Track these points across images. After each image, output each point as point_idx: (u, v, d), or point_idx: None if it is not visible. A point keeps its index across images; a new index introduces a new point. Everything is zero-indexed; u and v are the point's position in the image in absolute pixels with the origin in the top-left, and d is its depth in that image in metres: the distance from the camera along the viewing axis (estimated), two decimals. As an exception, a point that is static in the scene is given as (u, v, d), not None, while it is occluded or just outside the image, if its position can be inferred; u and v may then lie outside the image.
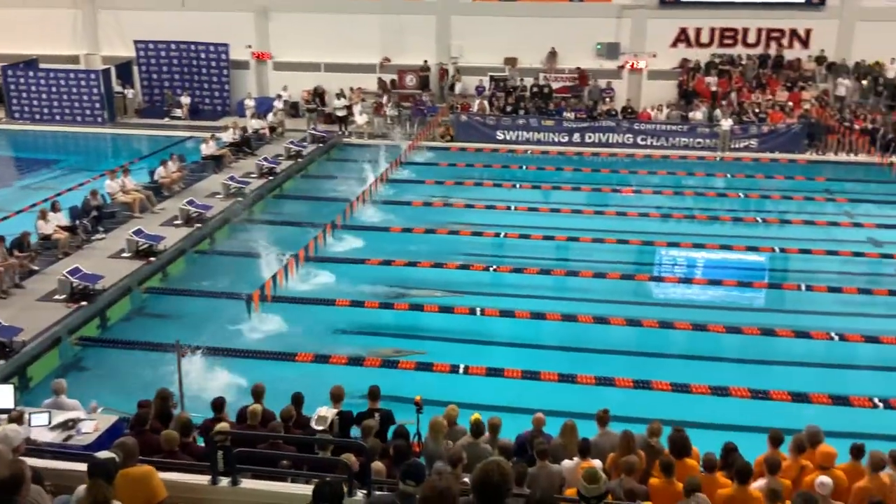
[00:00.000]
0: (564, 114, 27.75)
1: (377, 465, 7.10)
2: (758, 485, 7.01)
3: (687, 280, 16.99)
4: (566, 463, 7.62)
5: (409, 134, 27.81)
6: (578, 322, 14.14)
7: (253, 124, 26.86)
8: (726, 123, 25.77)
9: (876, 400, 11.62)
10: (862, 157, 24.97)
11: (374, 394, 8.95)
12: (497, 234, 18.91)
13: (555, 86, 29.27)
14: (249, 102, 29.13)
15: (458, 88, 29.76)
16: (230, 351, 12.96)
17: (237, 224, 19.02)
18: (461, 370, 12.51)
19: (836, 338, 13.54)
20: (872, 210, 20.98)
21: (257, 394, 8.75)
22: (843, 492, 7.43)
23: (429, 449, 8.16)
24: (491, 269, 16.94)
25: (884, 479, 7.30)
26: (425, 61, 29.92)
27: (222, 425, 7.76)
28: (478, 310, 14.62)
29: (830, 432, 9.30)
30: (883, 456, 7.39)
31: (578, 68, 29.05)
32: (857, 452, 7.89)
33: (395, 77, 30.17)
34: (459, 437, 8.18)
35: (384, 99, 28.71)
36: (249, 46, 30.82)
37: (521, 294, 15.52)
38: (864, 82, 27.60)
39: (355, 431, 8.41)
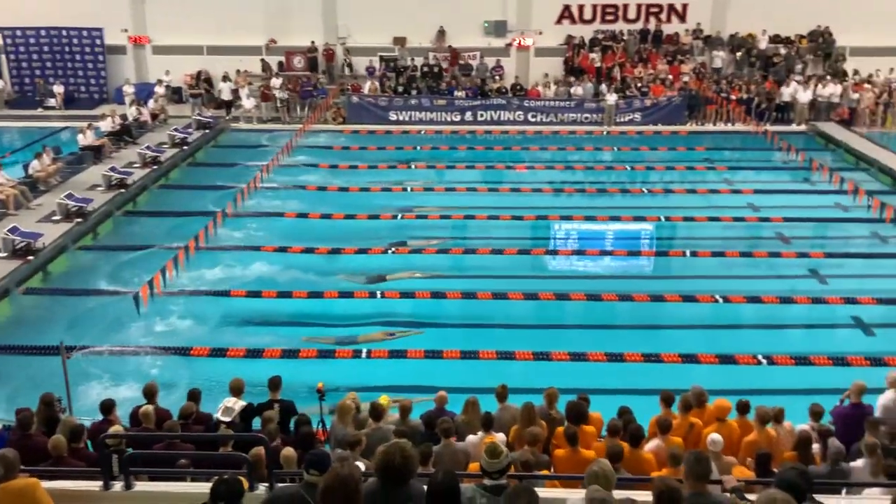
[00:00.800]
0: (455, 93, 27.86)
1: (289, 452, 6.94)
2: (651, 446, 7.28)
3: (580, 252, 17.42)
4: (470, 438, 7.69)
5: (299, 117, 27.30)
6: (478, 299, 14.28)
7: (133, 112, 25.69)
8: (611, 98, 26.50)
9: (760, 357, 12.26)
10: (739, 127, 26.22)
11: (274, 384, 8.77)
12: (394, 216, 18.82)
13: (445, 65, 29.32)
14: (128, 89, 27.89)
15: (346, 70, 29.40)
16: (120, 350, 12.41)
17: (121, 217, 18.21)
18: (364, 354, 12.43)
19: (721, 300, 14.18)
20: (750, 176, 22.10)
21: (150, 393, 8.42)
22: (734, 444, 7.83)
23: (336, 433, 8.08)
24: (389, 250, 16.85)
25: (770, 432, 7.72)
26: (312, 42, 29.36)
27: (115, 428, 7.44)
28: (378, 293, 14.53)
29: (720, 390, 9.78)
30: (768, 410, 7.81)
31: (450, 46, 29.09)
32: (743, 408, 8.31)
33: (282, 59, 29.48)
34: (366, 422, 8.13)
35: (272, 82, 28.02)
36: (126, 30, 29.45)
37: (421, 274, 15.53)
38: (738, 54, 28.90)
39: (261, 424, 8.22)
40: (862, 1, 27.93)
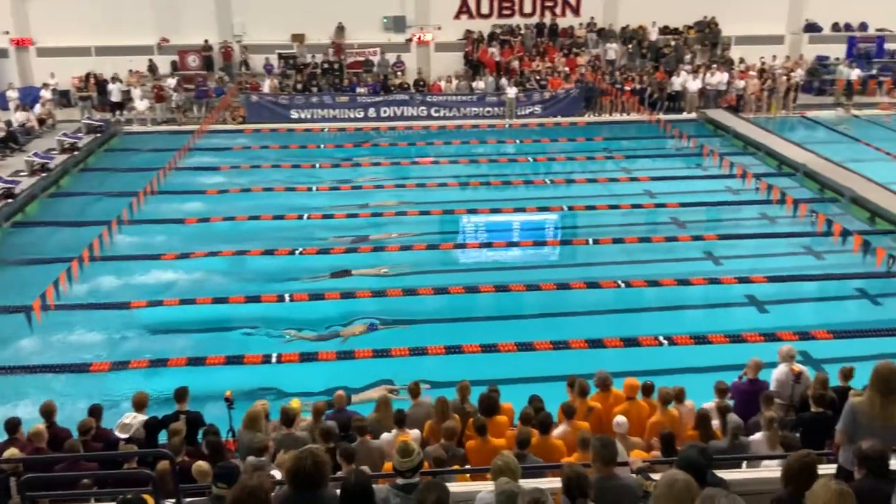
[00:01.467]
0: (358, 89, 27.69)
1: (203, 465, 6.76)
2: (558, 431, 7.45)
3: (487, 244, 17.59)
4: (384, 437, 7.69)
5: (196, 118, 26.55)
6: (388, 296, 14.26)
7: (18, 117, 24.42)
8: (511, 91, 26.88)
9: (661, 338, 12.72)
10: (633, 116, 27.06)
11: (180, 395, 8.52)
12: (300, 216, 18.56)
13: (347, 61, 29.09)
14: (12, 94, 26.48)
15: (244, 68, 28.76)
16: (13, 369, 11.80)
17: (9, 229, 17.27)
18: (274, 359, 12.22)
19: (623, 285, 14.63)
20: (646, 164, 22.84)
21: (47, 413, 8.04)
22: (643, 423, 8.09)
23: (244, 442, 7.91)
24: (296, 252, 16.59)
25: (673, 412, 8.02)
26: (206, 41, 28.57)
27: (11, 451, 7.07)
28: (286, 296, 14.30)
29: (626, 372, 10.12)
30: (669, 391, 8.11)
31: (334, 42, 28.83)
32: (647, 390, 8.60)
33: (175, 58, 28.58)
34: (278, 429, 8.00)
35: (167, 82, 27.13)
36: (7, 32, 27.96)
37: (329, 274, 15.38)
38: (630, 46, 29.81)
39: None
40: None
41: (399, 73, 28.94)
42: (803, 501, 4.03)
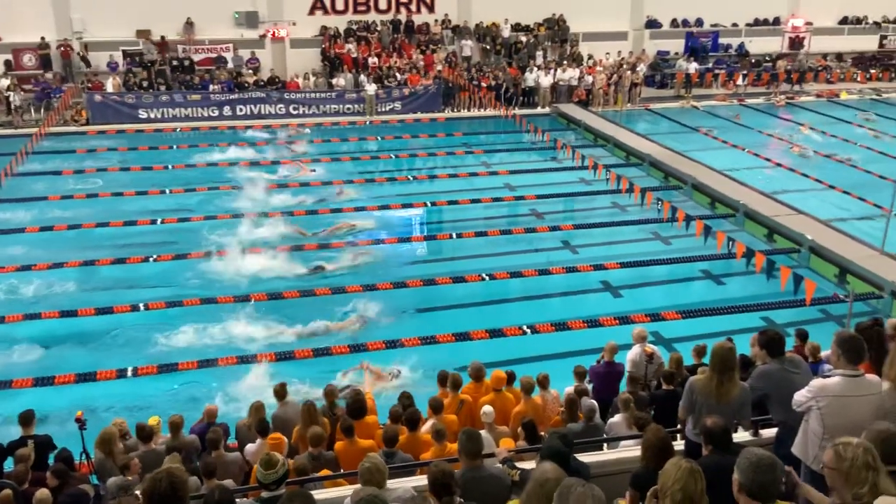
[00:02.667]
0: (210, 87, 26.76)
1: (42, 494, 6.32)
2: (427, 427, 7.51)
3: (353, 244, 17.42)
4: (249, 447, 7.49)
5: (34, 120, 24.82)
6: (256, 300, 13.89)
7: None
8: (371, 88, 26.83)
9: (525, 327, 13.09)
10: (490, 112, 27.65)
11: (26, 419, 7.96)
12: (153, 221, 17.74)
13: (196, 58, 28.04)
14: None
15: (85, 66, 27.14)
16: None
17: None
18: (129, 373, 11.63)
19: (487, 277, 14.96)
20: (505, 158, 23.42)
21: None
22: (507, 414, 8.29)
23: (100, 464, 7.49)
24: (151, 258, 15.84)
25: (536, 400, 8.27)
26: (42, 38, 26.73)
27: None
28: (141, 305, 13.63)
29: (493, 363, 10.39)
30: (531, 379, 8.35)
31: (163, 38, 27.81)
32: (512, 378, 8.83)
33: (9, 57, 26.57)
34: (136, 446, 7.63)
35: (1, 83, 25.18)
36: None
37: (187, 280, 14.80)
38: (484, 43, 30.43)
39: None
40: (589, -10, 30.68)
41: (253, 71, 28.19)
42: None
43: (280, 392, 8.38)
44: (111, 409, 10.48)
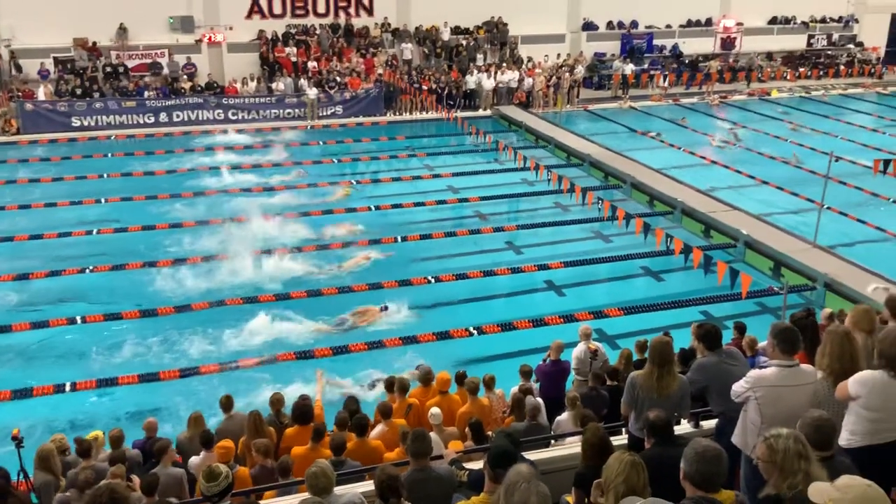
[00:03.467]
0: (146, 93, 26.22)
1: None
2: (376, 432, 7.49)
3: (297, 248, 17.21)
4: (194, 460, 7.36)
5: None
6: (193, 310, 13.64)
7: None
8: (312, 93, 26.63)
9: (471, 329, 13.15)
10: (432, 115, 27.71)
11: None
12: (89, 232, 17.28)
13: (130, 64, 27.43)
14: None
15: (14, 73, 26.30)
16: None
17: None
18: (68, 388, 11.30)
19: (433, 280, 14.99)
20: (448, 161, 23.47)
21: None
22: (454, 415, 8.32)
23: (39, 481, 7.27)
24: (88, 270, 15.42)
25: (483, 401, 8.31)
26: (-34, 45, 25.86)
27: None
28: (78, 318, 13.26)
29: (442, 366, 10.40)
30: (476, 380, 8.39)
31: (94, 43, 27.14)
32: (459, 379, 8.87)
33: (-70, 65, 25.62)
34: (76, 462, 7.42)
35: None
36: None
37: (123, 293, 14.47)
38: (424, 46, 30.49)
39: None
40: (526, -7, 31.03)
41: (189, 76, 27.70)
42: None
43: (226, 404, 8.25)
44: (51, 424, 10.19)
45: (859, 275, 14.12)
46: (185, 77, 27.52)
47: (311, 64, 28.36)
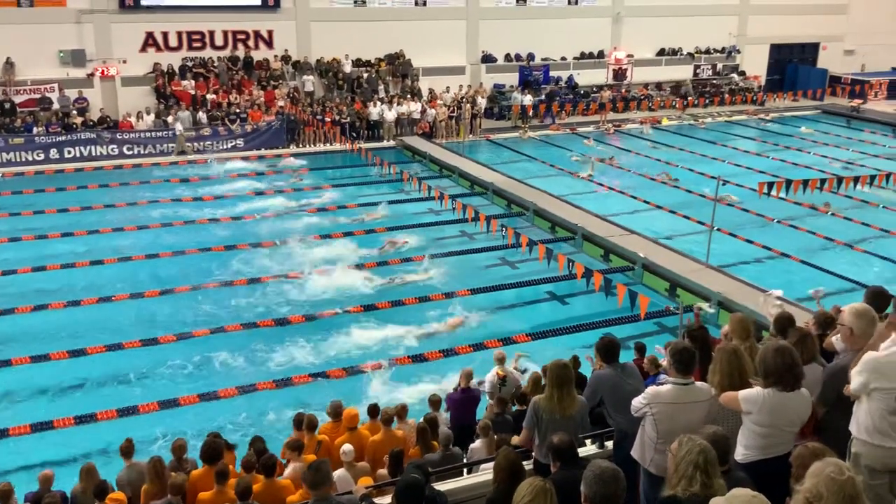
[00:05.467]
0: (35, 129, 25.15)
1: None
2: (287, 472, 7.34)
3: (198, 286, 16.74)
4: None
5: None
6: (89, 355, 13.09)
7: None
8: (178, 127, 26.01)
9: (383, 361, 13.06)
10: (336, 146, 27.66)
11: None
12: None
13: (18, 100, 26.26)
14: None
15: None
16: None
17: None
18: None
19: (341, 311, 14.87)
20: (353, 192, 23.38)
21: None
22: (366, 448, 8.25)
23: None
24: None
25: (396, 432, 8.28)
26: None
27: None
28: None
29: (354, 400, 10.34)
30: (390, 411, 8.37)
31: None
32: (373, 412, 8.80)
33: None
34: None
35: None
36: None
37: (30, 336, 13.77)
38: (326, 79, 30.49)
39: None
40: (425, 27, 31.51)
41: (81, 111, 26.71)
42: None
43: (126, 450, 7.91)
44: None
45: (749, 292, 14.87)
46: (75, 112, 26.54)
47: (210, 97, 27.89)
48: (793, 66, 40.14)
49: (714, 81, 37.79)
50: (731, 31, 38.02)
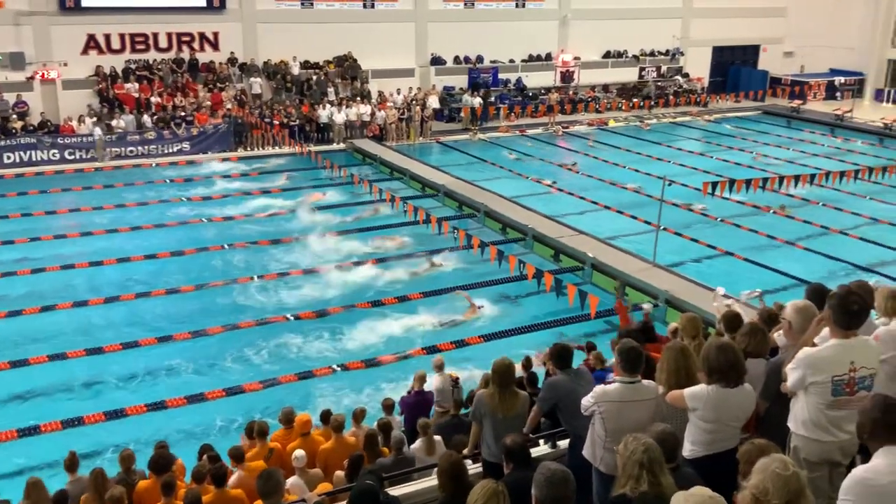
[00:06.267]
0: (-30, 134, 24.38)
1: None
2: (233, 480, 7.24)
3: (145, 293, 16.41)
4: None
5: None
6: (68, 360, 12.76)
7: None
8: (97, 132, 25.59)
9: (335, 366, 13.02)
10: (286, 150, 27.39)
11: None
12: None
13: (-49, 103, 25.44)
14: None
15: None
16: None
17: None
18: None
19: (291, 318, 14.74)
20: (304, 195, 23.10)
21: None
22: (317, 455, 8.18)
23: None
24: None
25: (349, 439, 8.23)
26: None
27: None
28: None
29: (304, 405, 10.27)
30: (341, 417, 8.32)
31: None
32: (324, 418, 8.74)
33: None
34: None
35: None
36: None
37: None
38: (274, 81, 30.18)
39: None
40: (374, 29, 31.45)
41: (14, 116, 25.89)
42: (463, 501, 4.41)
43: (70, 464, 7.71)
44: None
45: (695, 290, 15.18)
46: (15, 116, 25.78)
47: (155, 100, 27.38)
48: (735, 67, 41.11)
49: (659, 83, 38.46)
50: (675, 34, 38.76)
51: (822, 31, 40.24)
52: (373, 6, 31.95)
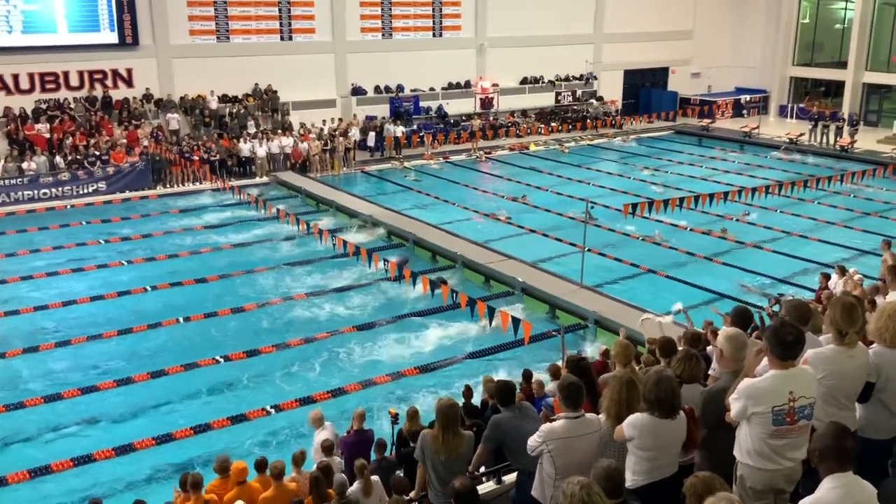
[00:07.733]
0: None
1: None
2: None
3: (66, 342, 15.80)
4: None
5: None
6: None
7: None
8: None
9: (269, 407, 12.78)
10: (207, 185, 26.87)
11: None
12: None
13: None
14: None
15: None
16: None
17: None
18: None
19: (221, 360, 14.42)
20: (229, 232, 22.63)
21: None
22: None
23: None
24: None
25: (289, 486, 8.07)
26: None
27: None
28: None
29: (241, 453, 10.04)
30: (280, 464, 8.15)
31: None
32: (260, 466, 8.54)
33: None
34: None
35: None
36: None
37: None
38: (191, 116, 29.66)
39: None
40: (293, 61, 31.34)
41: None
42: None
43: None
44: None
45: (622, 309, 15.56)
46: (-85, 161, 24.59)
47: (68, 140, 26.51)
48: (646, 90, 42.54)
49: (575, 107, 39.43)
50: (588, 59, 39.89)
51: (727, 51, 42.18)
52: (290, 38, 31.84)
